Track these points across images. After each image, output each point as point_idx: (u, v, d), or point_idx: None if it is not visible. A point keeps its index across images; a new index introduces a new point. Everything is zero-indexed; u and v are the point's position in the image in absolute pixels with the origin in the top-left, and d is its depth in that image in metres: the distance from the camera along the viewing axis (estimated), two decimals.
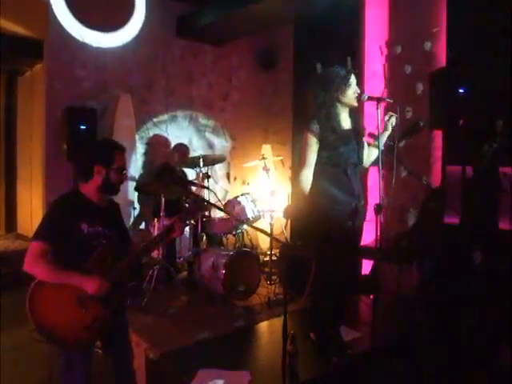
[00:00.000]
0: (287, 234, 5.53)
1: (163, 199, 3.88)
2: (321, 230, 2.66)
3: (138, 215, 5.02)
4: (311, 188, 2.67)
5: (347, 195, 2.67)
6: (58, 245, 2.04)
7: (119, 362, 2.26)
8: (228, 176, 6.05)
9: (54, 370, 2.81)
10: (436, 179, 4.08)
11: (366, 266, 4.24)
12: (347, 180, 2.66)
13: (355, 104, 2.68)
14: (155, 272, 3.84)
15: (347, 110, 2.74)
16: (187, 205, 4.31)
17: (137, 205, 4.96)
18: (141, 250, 2.25)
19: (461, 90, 3.47)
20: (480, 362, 2.79)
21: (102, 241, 2.14)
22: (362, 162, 2.82)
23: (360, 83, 2.82)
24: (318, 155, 2.65)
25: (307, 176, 2.66)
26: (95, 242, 2.11)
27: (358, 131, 2.79)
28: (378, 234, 2.58)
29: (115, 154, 2.16)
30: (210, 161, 4.41)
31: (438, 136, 4.09)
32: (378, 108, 2.53)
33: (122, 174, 2.19)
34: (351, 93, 2.64)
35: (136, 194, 4.90)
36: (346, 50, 4.69)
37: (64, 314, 2.00)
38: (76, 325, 2.00)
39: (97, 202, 2.18)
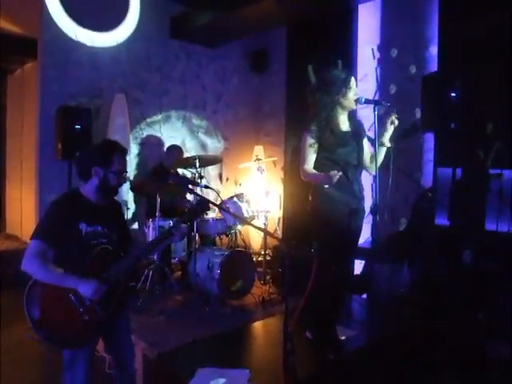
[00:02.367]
0: (280, 233, 5.59)
1: (158, 200, 3.89)
2: (321, 231, 2.71)
3: (132, 215, 5.03)
4: (312, 189, 2.71)
5: (347, 196, 2.71)
6: (57, 245, 2.03)
7: (120, 362, 2.26)
8: (220, 177, 6.08)
9: (50, 370, 2.82)
10: (427, 181, 4.16)
11: (358, 266, 4.30)
12: (347, 181, 2.71)
13: (354, 107, 2.74)
14: (150, 272, 3.86)
15: (346, 112, 2.79)
16: (185, 206, 4.33)
17: (131, 205, 4.96)
18: (140, 251, 2.23)
19: (452, 94, 3.57)
20: (469, 359, 2.87)
21: (102, 240, 2.13)
22: (362, 164, 2.86)
23: None
24: (318, 156, 2.70)
25: (309, 170, 2.70)
26: (94, 242, 2.10)
27: (358, 133, 2.84)
28: (373, 234, 2.64)
29: (113, 156, 2.14)
30: (206, 161, 4.42)
31: (429, 138, 4.18)
32: (375, 111, 2.59)
33: (120, 177, 2.17)
34: (352, 95, 2.69)
35: (129, 194, 4.90)
36: (337, 52, 4.76)
37: (61, 312, 1.98)
38: (72, 324, 1.99)
39: (96, 202, 2.16)
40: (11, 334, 3.28)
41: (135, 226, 5.04)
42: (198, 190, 3.97)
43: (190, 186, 2.69)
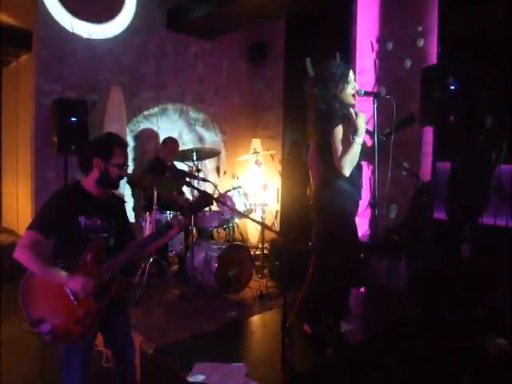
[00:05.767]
0: (278, 227, 5.58)
1: (156, 193, 3.86)
2: (329, 225, 2.67)
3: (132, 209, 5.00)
4: (322, 185, 2.67)
5: (356, 190, 2.68)
6: (54, 236, 2.03)
7: (120, 357, 2.25)
8: (218, 170, 6.05)
9: (48, 363, 2.81)
10: (426, 174, 4.14)
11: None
12: (357, 175, 2.67)
13: (353, 101, 2.68)
14: (147, 266, 3.84)
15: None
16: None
17: (129, 199, 4.92)
18: (136, 246, 2.21)
19: (451, 87, 3.53)
20: (467, 352, 2.86)
21: (101, 234, 2.12)
22: (362, 156, 2.82)
23: None
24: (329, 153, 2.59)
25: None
26: (93, 236, 2.09)
27: (355, 128, 2.78)
28: (371, 228, 2.62)
29: (114, 149, 2.13)
30: (203, 154, 4.38)
31: (428, 132, 4.15)
32: (374, 103, 2.55)
33: (121, 170, 2.16)
34: (350, 89, 2.63)
35: (126, 187, 4.87)
36: (336, 45, 4.72)
37: (55, 306, 1.98)
38: (67, 317, 1.98)
39: (96, 196, 2.15)
40: (8, 328, 3.27)
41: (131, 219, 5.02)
42: (195, 183, 3.95)
43: (188, 179, 2.68)
